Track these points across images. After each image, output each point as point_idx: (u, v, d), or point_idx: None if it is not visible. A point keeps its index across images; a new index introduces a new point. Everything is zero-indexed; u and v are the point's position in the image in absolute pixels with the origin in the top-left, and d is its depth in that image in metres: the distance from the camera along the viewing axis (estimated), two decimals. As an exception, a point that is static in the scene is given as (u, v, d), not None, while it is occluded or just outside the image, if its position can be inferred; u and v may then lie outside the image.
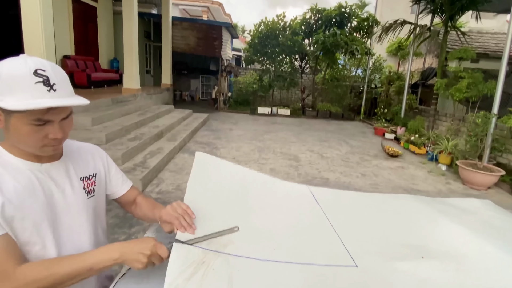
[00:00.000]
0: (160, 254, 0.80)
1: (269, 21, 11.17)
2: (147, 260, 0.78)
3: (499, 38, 10.01)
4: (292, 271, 0.83)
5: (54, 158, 0.90)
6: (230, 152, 5.81)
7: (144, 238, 0.84)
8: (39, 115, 0.74)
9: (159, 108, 7.41)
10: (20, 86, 0.71)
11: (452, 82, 6.68)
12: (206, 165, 1.27)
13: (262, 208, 1.13)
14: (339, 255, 0.93)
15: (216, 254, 0.83)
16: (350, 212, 1.23)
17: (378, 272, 0.86)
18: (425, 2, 7.93)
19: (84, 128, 4.48)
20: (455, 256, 0.96)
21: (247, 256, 0.85)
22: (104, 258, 0.78)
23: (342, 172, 5.11)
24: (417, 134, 7.27)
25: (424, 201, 1.38)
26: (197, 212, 0.95)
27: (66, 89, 0.79)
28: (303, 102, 12.35)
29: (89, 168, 1.00)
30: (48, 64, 0.76)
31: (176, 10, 13.94)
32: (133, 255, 0.78)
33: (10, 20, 7.27)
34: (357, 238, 1.03)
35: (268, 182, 1.34)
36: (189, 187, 1.09)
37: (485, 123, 5.02)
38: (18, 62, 0.73)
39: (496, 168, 4.87)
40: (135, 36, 7.15)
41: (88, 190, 0.96)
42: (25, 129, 0.75)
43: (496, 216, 1.27)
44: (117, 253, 0.78)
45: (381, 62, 12.86)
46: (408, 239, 1.05)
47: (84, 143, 1.06)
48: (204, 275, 0.74)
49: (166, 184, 3.99)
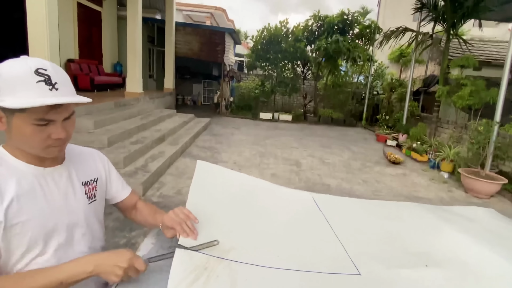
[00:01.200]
0: (137, 267, 0.78)
1: (272, 27, 11.25)
2: (123, 273, 0.76)
3: (501, 46, 10.03)
4: (295, 279, 0.82)
5: (57, 162, 0.88)
6: (232, 156, 5.80)
7: (120, 250, 0.81)
8: (41, 114, 0.73)
9: (161, 112, 7.44)
10: (21, 85, 0.70)
11: (454, 90, 6.67)
12: (208, 173, 1.27)
13: (264, 215, 1.13)
14: (342, 263, 0.92)
15: (219, 260, 0.82)
16: (353, 220, 1.22)
17: (381, 280, 0.86)
18: (427, 9, 7.97)
19: (87, 131, 4.49)
20: (459, 264, 0.95)
21: (250, 263, 0.85)
22: (76, 271, 0.75)
23: (343, 178, 5.09)
24: (419, 141, 7.25)
25: (427, 209, 1.37)
26: (199, 219, 0.95)
27: (68, 88, 0.78)
28: (305, 108, 12.38)
29: (91, 172, 0.99)
30: (48, 64, 0.75)
31: (179, 16, 14.07)
32: (108, 267, 0.76)
33: (16, 23, 7.34)
34: (360, 246, 1.02)
35: (270, 189, 1.34)
36: (191, 196, 1.09)
37: (487, 130, 5.00)
38: (19, 63, 0.73)
39: (498, 177, 4.84)
40: (138, 41, 7.21)
41: (90, 195, 0.96)
42: (28, 129, 0.74)
43: (500, 224, 1.26)
44: (91, 266, 0.76)
45: (383, 69, 12.91)
46: (412, 247, 1.04)
47: (86, 148, 1.06)
48: (207, 281, 0.74)
49: (167, 188, 3.99)
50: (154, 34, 11.67)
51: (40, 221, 0.80)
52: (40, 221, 0.80)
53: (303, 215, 1.20)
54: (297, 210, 1.23)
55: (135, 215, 1.13)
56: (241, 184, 1.29)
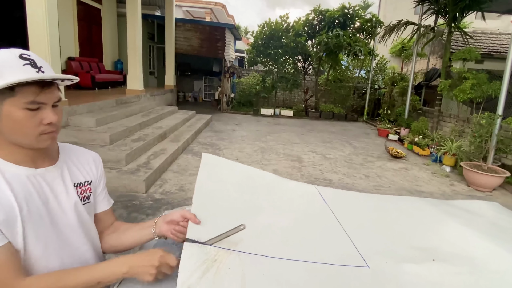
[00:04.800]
0: (169, 263, 0.80)
1: (272, 22, 11.19)
2: (156, 271, 0.79)
3: (504, 38, 9.94)
4: (304, 269, 0.83)
5: (50, 163, 0.88)
6: (233, 153, 5.81)
7: (151, 250, 0.84)
8: (32, 96, 0.74)
9: (162, 109, 7.44)
10: (8, 68, 0.71)
11: (456, 83, 6.63)
12: (213, 166, 1.26)
13: (271, 207, 1.13)
14: (350, 255, 0.92)
15: (228, 252, 0.83)
16: (359, 213, 1.23)
17: (390, 274, 0.86)
18: (428, 2, 7.90)
19: (88, 129, 4.50)
20: (465, 259, 0.95)
21: (259, 254, 0.85)
22: (112, 272, 0.79)
23: (345, 173, 5.09)
24: (420, 135, 7.23)
25: (431, 203, 1.37)
26: (206, 213, 0.95)
27: (52, 71, 0.80)
28: (306, 103, 12.34)
29: (85, 174, 0.98)
30: (31, 52, 0.77)
31: (179, 12, 14.01)
32: (142, 268, 0.79)
33: (16, 22, 7.34)
34: (367, 239, 1.03)
35: (276, 181, 1.33)
36: (197, 189, 1.08)
37: (489, 124, 4.98)
38: (3, 51, 0.75)
39: (501, 170, 4.83)
40: (139, 38, 7.19)
41: (83, 197, 0.94)
42: (19, 115, 0.74)
43: (505, 218, 1.26)
44: (126, 267, 0.79)
45: (385, 63, 12.82)
46: (418, 241, 1.04)
47: (85, 149, 1.05)
48: (217, 272, 0.74)
49: (169, 185, 4.00)
50: (154, 31, 11.63)
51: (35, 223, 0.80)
52: (36, 222, 0.80)
53: (309, 208, 1.21)
54: (304, 203, 1.23)
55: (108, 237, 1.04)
56: (247, 176, 1.29)
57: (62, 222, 0.87)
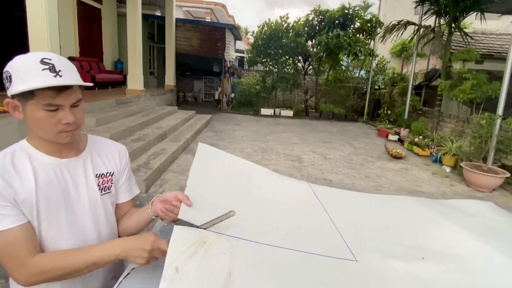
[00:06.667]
0: (161, 248, 0.82)
1: (272, 22, 11.19)
2: (148, 255, 0.80)
3: (504, 39, 9.94)
4: (292, 257, 0.84)
5: (75, 154, 0.94)
6: (233, 153, 5.78)
7: (144, 234, 0.86)
8: (49, 99, 0.79)
9: (162, 109, 7.44)
10: (28, 73, 0.77)
11: (456, 84, 6.64)
12: (209, 156, 1.28)
13: (262, 198, 1.14)
14: (339, 248, 0.93)
15: (218, 235, 0.83)
16: (350, 210, 1.24)
17: (378, 269, 0.86)
18: (429, 3, 7.90)
19: (89, 128, 4.51)
20: (455, 257, 0.96)
21: (249, 239, 0.86)
22: (106, 253, 0.82)
23: (345, 173, 5.09)
24: (421, 136, 7.23)
25: (424, 202, 1.37)
26: (198, 199, 0.95)
27: (72, 75, 0.84)
28: (306, 103, 12.34)
29: (109, 166, 1.02)
30: (54, 55, 0.82)
31: (179, 12, 14.01)
32: (134, 251, 0.81)
33: (16, 22, 7.35)
34: (357, 235, 1.03)
35: (269, 175, 1.35)
36: (192, 174, 1.09)
37: (489, 124, 4.98)
38: (26, 55, 0.81)
39: (501, 170, 4.83)
40: (139, 38, 7.20)
41: (103, 187, 0.99)
42: (39, 115, 0.80)
43: (497, 218, 1.26)
44: (118, 249, 0.82)
45: (385, 63, 12.82)
46: (408, 240, 1.05)
47: (111, 141, 1.10)
48: (205, 254, 0.75)
49: (169, 185, 4.00)
50: (154, 31, 11.63)
51: (53, 209, 0.86)
52: (54, 209, 0.86)
53: (301, 202, 1.22)
54: (296, 197, 1.24)
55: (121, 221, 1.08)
56: (241, 168, 1.30)
57: (78, 209, 0.92)
